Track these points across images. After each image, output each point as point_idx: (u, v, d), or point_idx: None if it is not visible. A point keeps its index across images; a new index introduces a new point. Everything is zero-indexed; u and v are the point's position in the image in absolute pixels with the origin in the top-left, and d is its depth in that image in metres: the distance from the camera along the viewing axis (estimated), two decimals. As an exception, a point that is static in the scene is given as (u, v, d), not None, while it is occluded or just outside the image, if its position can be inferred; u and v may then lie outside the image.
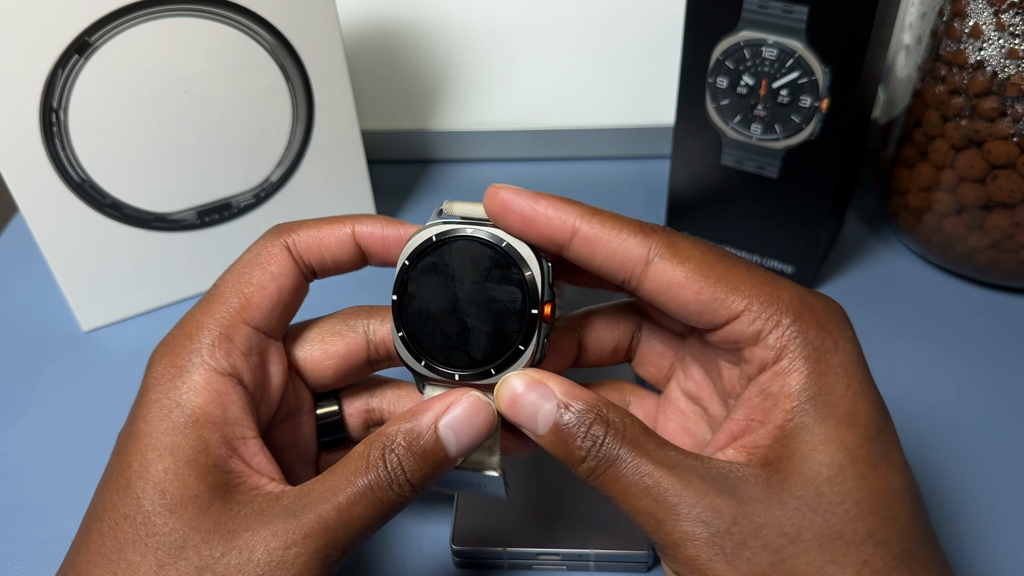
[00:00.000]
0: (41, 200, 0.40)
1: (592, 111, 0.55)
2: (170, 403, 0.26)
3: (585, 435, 0.25)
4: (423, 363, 0.28)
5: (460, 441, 0.26)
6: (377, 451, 0.26)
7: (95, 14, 0.37)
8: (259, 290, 0.28)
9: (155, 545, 0.25)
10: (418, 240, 0.27)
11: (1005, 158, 0.39)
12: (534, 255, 0.27)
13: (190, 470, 0.25)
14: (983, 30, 0.38)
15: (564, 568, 0.34)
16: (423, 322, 0.27)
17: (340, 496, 0.25)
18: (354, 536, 0.25)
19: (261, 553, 0.25)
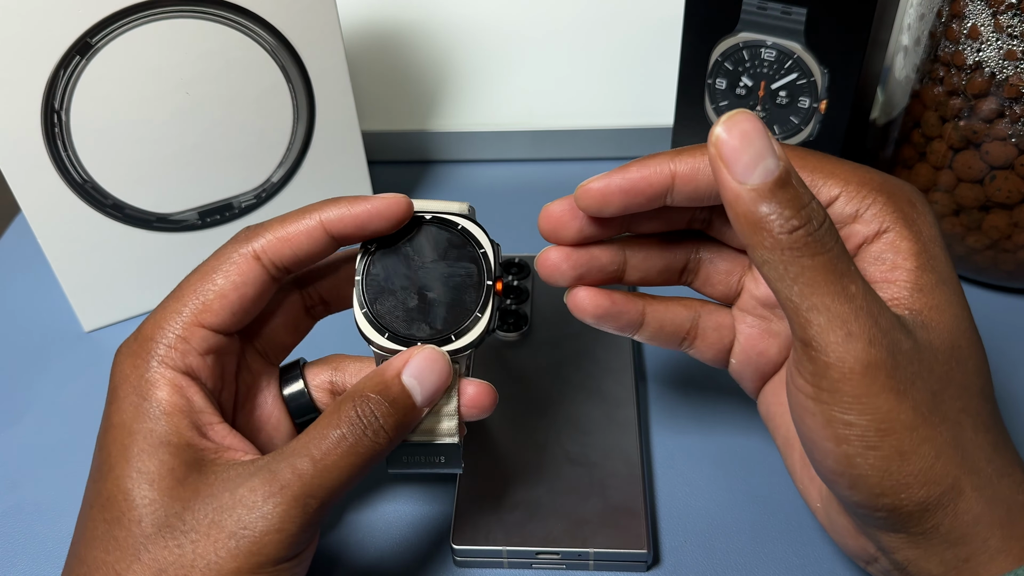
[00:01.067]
0: (43, 201, 0.40)
1: (591, 112, 0.55)
2: (138, 397, 0.28)
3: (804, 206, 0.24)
4: (386, 335, 0.30)
5: (424, 389, 0.28)
6: (348, 404, 0.27)
7: (97, 15, 0.37)
8: (219, 297, 0.29)
9: (137, 517, 0.26)
10: None
11: (1003, 159, 0.39)
12: (486, 236, 0.31)
13: (164, 449, 0.27)
14: (981, 31, 0.38)
15: (564, 567, 0.34)
16: (385, 298, 0.30)
17: (314, 448, 0.27)
18: (332, 484, 0.27)
19: (240, 509, 0.26)
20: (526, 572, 0.34)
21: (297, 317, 0.33)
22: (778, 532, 0.35)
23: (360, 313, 0.30)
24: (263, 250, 0.29)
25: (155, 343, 0.29)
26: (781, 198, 0.24)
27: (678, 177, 0.28)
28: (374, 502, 0.37)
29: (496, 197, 0.53)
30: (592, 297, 0.30)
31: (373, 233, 0.30)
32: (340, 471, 0.27)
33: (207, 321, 0.29)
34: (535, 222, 0.52)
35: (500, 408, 0.39)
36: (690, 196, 0.28)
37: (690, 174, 0.28)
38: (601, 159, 0.55)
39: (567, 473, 0.36)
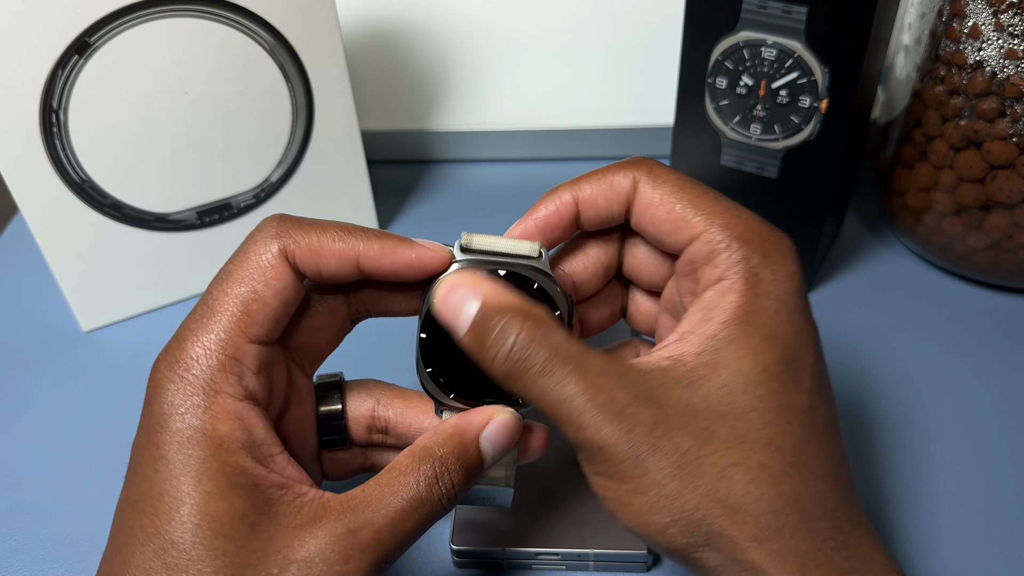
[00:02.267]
0: (41, 200, 0.40)
1: (591, 111, 0.55)
2: (195, 432, 0.26)
3: (498, 334, 0.25)
4: (451, 396, 0.29)
5: (496, 451, 0.28)
6: (428, 465, 0.27)
7: (95, 15, 0.37)
8: (263, 307, 0.27)
9: (211, 570, 0.25)
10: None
11: (1004, 158, 0.39)
12: (562, 294, 0.29)
13: (233, 492, 0.25)
14: (982, 30, 0.38)
15: (563, 568, 0.34)
16: (450, 358, 0.28)
17: (393, 509, 0.26)
18: (403, 547, 0.27)
19: (319, 567, 0.25)
20: (526, 573, 0.34)
21: (340, 325, 0.31)
22: (779, 533, 0.35)
23: (424, 372, 0.29)
24: (293, 255, 0.28)
25: (203, 366, 0.26)
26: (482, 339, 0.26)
27: (581, 204, 0.29)
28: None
29: (496, 197, 0.53)
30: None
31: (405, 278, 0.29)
32: (414, 534, 0.27)
33: (254, 334, 0.27)
34: (535, 222, 0.52)
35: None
36: (597, 219, 0.30)
37: (590, 200, 0.29)
38: (601, 159, 0.55)
39: (567, 474, 0.36)
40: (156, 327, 0.46)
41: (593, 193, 0.29)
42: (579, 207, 0.30)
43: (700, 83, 0.41)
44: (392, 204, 0.53)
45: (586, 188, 0.29)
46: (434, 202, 0.53)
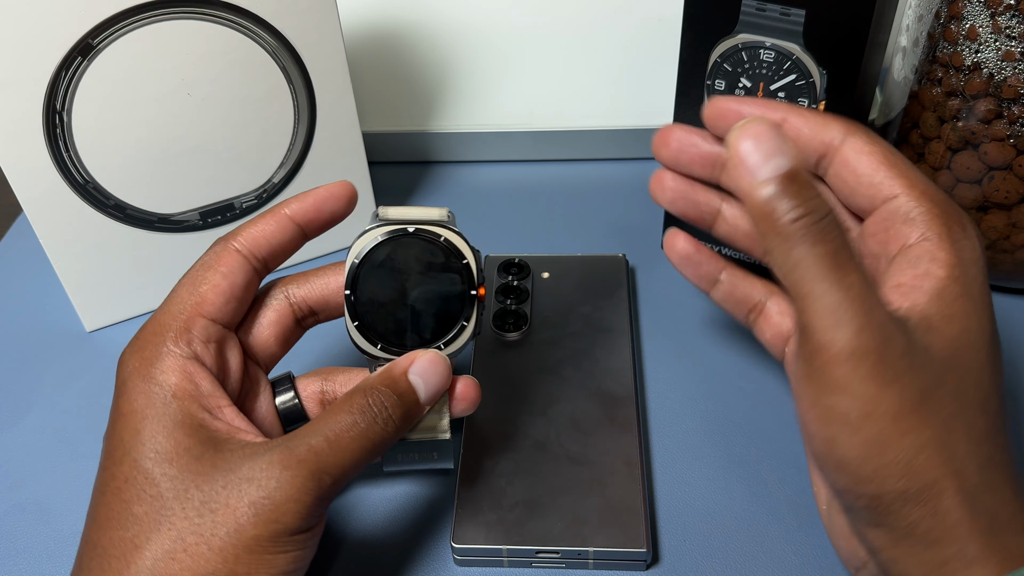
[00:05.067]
0: (45, 201, 0.41)
1: (591, 113, 0.55)
2: (148, 386, 0.29)
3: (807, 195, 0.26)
4: (379, 347, 0.32)
5: (427, 387, 0.31)
6: (359, 394, 0.30)
7: (98, 17, 0.37)
8: (212, 288, 0.31)
9: (157, 494, 0.27)
10: (366, 241, 0.32)
11: (1001, 159, 0.39)
12: (467, 246, 0.32)
13: (179, 430, 0.28)
14: (979, 32, 0.38)
15: (563, 566, 0.34)
16: (375, 311, 0.32)
17: (328, 431, 0.28)
18: (344, 463, 0.28)
19: (260, 479, 0.27)
20: (526, 571, 0.34)
21: (288, 327, 0.34)
22: (778, 532, 0.35)
23: (352, 326, 0.32)
24: (241, 244, 0.32)
25: (160, 336, 0.30)
26: (788, 191, 0.26)
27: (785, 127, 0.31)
28: (374, 501, 0.37)
29: (496, 197, 0.53)
30: (684, 241, 0.34)
31: (331, 215, 0.33)
32: (352, 453, 0.28)
33: (205, 311, 0.31)
34: (535, 222, 0.52)
35: (501, 408, 0.39)
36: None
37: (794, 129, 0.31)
38: (601, 159, 0.56)
39: (567, 472, 0.36)
40: (159, 327, 0.46)
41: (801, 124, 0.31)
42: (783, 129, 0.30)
43: (699, 85, 0.41)
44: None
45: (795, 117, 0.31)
46: (435, 203, 0.53)
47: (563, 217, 0.52)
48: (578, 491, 0.35)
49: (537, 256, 0.46)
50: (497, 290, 0.44)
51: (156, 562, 0.27)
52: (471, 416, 0.38)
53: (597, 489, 0.35)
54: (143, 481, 0.28)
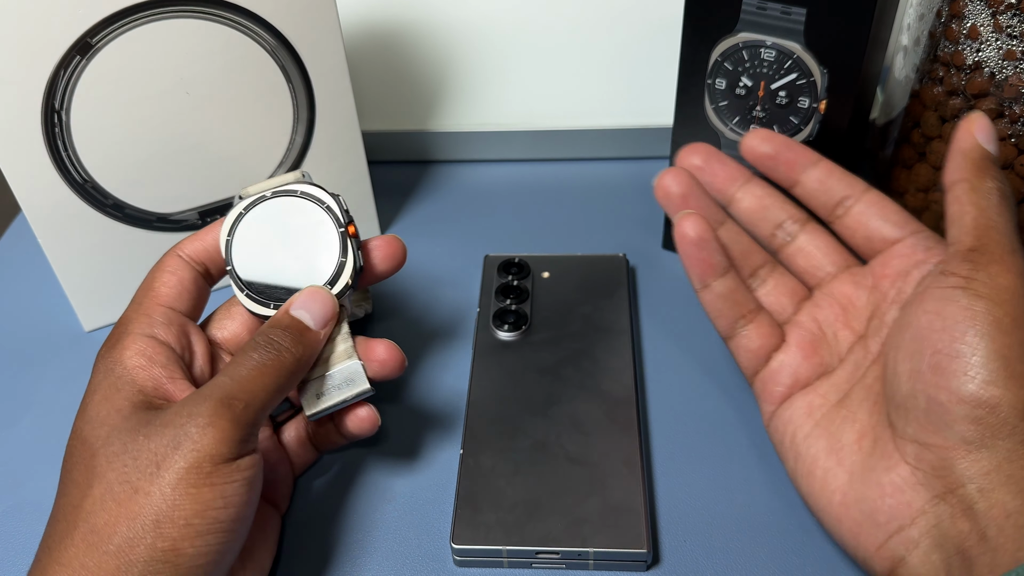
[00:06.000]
0: (43, 201, 0.41)
1: (591, 112, 0.55)
2: (104, 364, 0.32)
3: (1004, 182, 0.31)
4: (271, 305, 0.34)
5: (313, 315, 0.33)
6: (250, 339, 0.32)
7: (97, 16, 0.37)
8: (163, 283, 0.34)
9: (90, 455, 0.29)
10: (231, 218, 0.34)
11: (1002, 159, 0.39)
12: (325, 192, 0.35)
13: (117, 395, 0.30)
14: (981, 31, 0.38)
15: (563, 566, 0.34)
16: (259, 276, 0.34)
17: (231, 369, 0.31)
18: (252, 389, 0.30)
19: (176, 419, 0.29)
20: (526, 571, 0.34)
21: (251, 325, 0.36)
22: (778, 532, 0.35)
23: (243, 296, 0.34)
24: (183, 251, 0.35)
25: (123, 326, 0.33)
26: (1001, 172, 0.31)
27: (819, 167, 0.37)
28: (374, 501, 0.37)
29: (496, 197, 0.53)
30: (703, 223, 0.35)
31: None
32: (256, 381, 0.30)
33: (162, 301, 0.33)
34: (535, 222, 0.52)
35: (501, 408, 0.39)
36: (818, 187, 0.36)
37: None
38: (601, 159, 0.56)
39: (567, 473, 0.36)
40: (158, 327, 0.46)
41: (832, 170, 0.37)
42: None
43: (699, 84, 0.41)
44: (393, 204, 0.53)
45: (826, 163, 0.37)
46: (435, 202, 0.53)
47: (563, 217, 0.51)
48: (578, 491, 0.35)
49: (537, 256, 0.46)
50: (497, 290, 0.44)
51: (89, 515, 0.28)
52: (471, 416, 0.38)
53: (597, 489, 0.35)
54: (80, 448, 0.29)
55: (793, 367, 0.35)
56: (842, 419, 0.33)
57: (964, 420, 0.27)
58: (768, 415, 0.35)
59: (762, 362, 0.35)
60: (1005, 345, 0.27)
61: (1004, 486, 0.26)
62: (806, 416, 0.34)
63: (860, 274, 0.35)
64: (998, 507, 0.26)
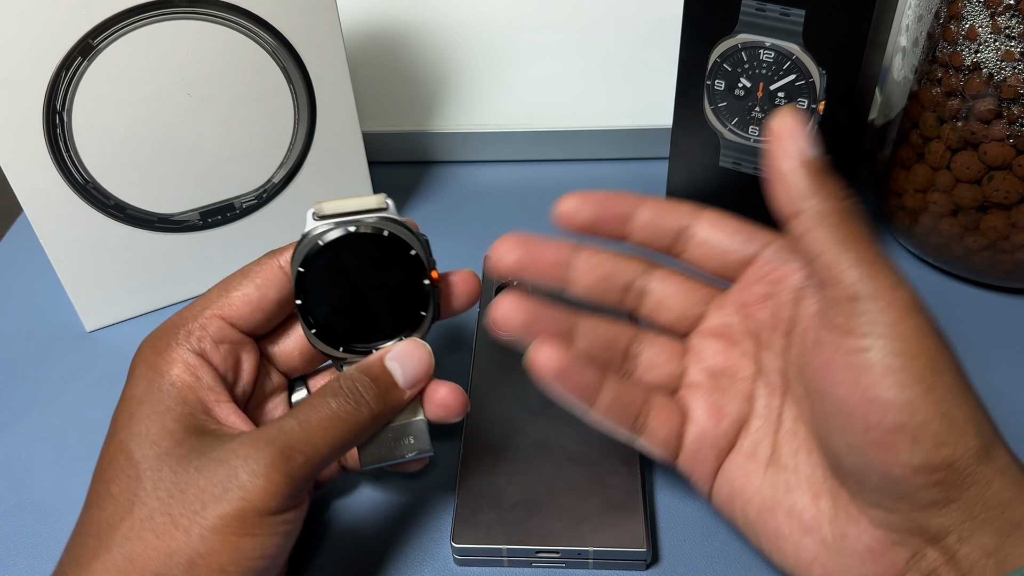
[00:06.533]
0: (45, 201, 0.41)
1: (591, 113, 0.55)
2: (152, 373, 0.30)
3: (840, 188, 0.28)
4: (340, 349, 0.32)
5: (405, 371, 0.31)
6: (333, 381, 0.30)
7: (98, 17, 0.37)
8: (242, 296, 0.32)
9: (135, 474, 0.28)
10: (307, 246, 0.31)
11: (1001, 159, 0.40)
12: (413, 236, 0.31)
13: (168, 415, 0.29)
14: (979, 32, 0.38)
15: (563, 566, 0.34)
16: (330, 315, 0.31)
17: (300, 413, 0.29)
18: (317, 442, 0.28)
19: (229, 461, 0.27)
20: (526, 571, 0.34)
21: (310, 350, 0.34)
22: (777, 531, 0.35)
23: (311, 334, 0.32)
24: (283, 254, 0.32)
25: (175, 329, 0.31)
26: (829, 175, 0.27)
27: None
28: (374, 501, 0.37)
29: (496, 198, 0.53)
30: (556, 351, 0.30)
31: None
32: (324, 433, 0.29)
33: (227, 314, 0.31)
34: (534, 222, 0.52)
35: (501, 408, 0.39)
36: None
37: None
38: (601, 159, 0.56)
39: (567, 472, 0.36)
40: (159, 327, 0.46)
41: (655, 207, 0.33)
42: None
43: (699, 85, 0.41)
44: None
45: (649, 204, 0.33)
46: (435, 203, 0.53)
47: (563, 217, 0.51)
48: (578, 491, 0.35)
49: None
50: (497, 290, 0.44)
51: (125, 540, 0.27)
52: (471, 416, 0.38)
53: (597, 489, 0.35)
54: (124, 461, 0.28)
55: (710, 438, 0.32)
56: (785, 481, 0.30)
57: (925, 487, 0.26)
58: (706, 492, 0.33)
59: (676, 446, 0.32)
60: (937, 400, 0.25)
61: (980, 529, 0.26)
62: (745, 485, 0.31)
63: (726, 306, 0.33)
64: (978, 550, 0.26)
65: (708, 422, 0.32)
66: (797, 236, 0.28)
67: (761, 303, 0.32)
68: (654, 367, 0.33)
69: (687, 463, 0.32)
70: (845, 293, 0.26)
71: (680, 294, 0.33)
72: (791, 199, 0.27)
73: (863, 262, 0.26)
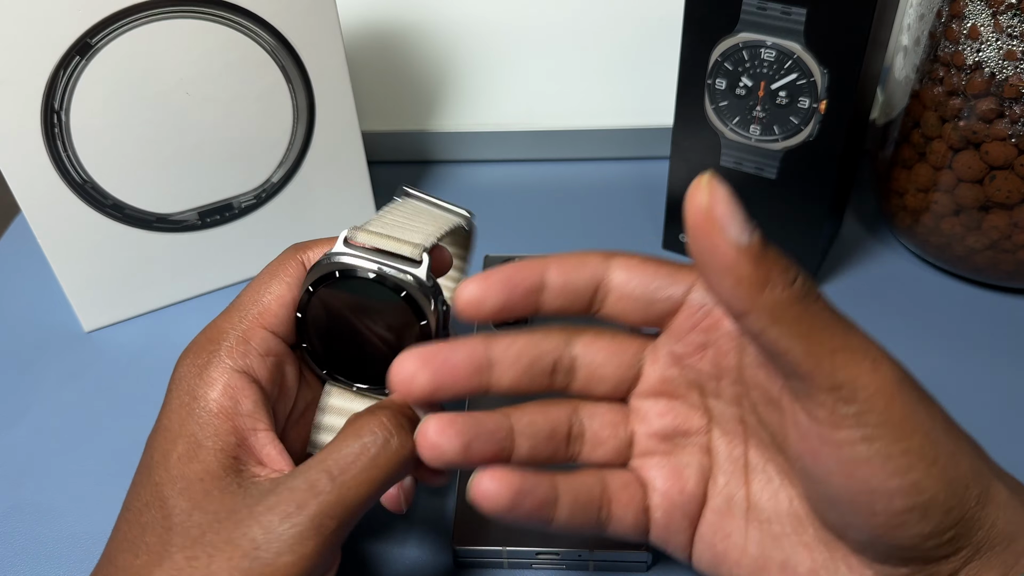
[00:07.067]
0: (43, 201, 0.40)
1: (591, 112, 0.55)
2: (188, 396, 0.28)
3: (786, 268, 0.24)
4: (324, 372, 0.31)
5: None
6: (369, 417, 0.27)
7: (96, 16, 0.37)
8: (276, 298, 0.30)
9: (169, 526, 0.26)
10: (321, 270, 0.29)
11: (1003, 159, 0.39)
12: (431, 304, 0.29)
13: (200, 452, 0.27)
14: (981, 32, 0.38)
15: (563, 568, 0.34)
16: (323, 338, 0.31)
17: (332, 463, 0.26)
18: (350, 501, 0.26)
19: (256, 528, 0.26)
20: (526, 572, 0.34)
21: None
22: (778, 532, 0.35)
23: (302, 347, 0.31)
24: (305, 250, 0.31)
25: (215, 343, 0.29)
26: (771, 256, 0.24)
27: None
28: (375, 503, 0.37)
29: (496, 197, 0.53)
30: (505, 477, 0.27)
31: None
32: (359, 486, 0.26)
33: (267, 323, 0.30)
34: (534, 222, 0.52)
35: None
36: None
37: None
38: (601, 159, 0.55)
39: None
40: (158, 327, 0.46)
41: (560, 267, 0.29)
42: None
43: (699, 84, 0.41)
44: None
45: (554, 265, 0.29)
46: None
47: (563, 217, 0.51)
48: (578, 492, 0.35)
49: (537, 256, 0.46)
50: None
51: None
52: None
53: (597, 490, 0.35)
54: (159, 509, 0.27)
55: (677, 505, 0.29)
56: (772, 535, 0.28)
57: (934, 549, 0.25)
58: (686, 559, 0.31)
59: (646, 523, 0.30)
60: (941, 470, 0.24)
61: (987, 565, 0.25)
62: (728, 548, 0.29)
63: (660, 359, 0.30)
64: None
65: (672, 489, 0.29)
66: (752, 335, 0.24)
67: (698, 353, 0.29)
68: (601, 443, 0.30)
69: (660, 537, 0.30)
70: (822, 388, 0.24)
71: (610, 359, 0.30)
72: (736, 297, 0.24)
73: (835, 350, 0.24)
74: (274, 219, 0.46)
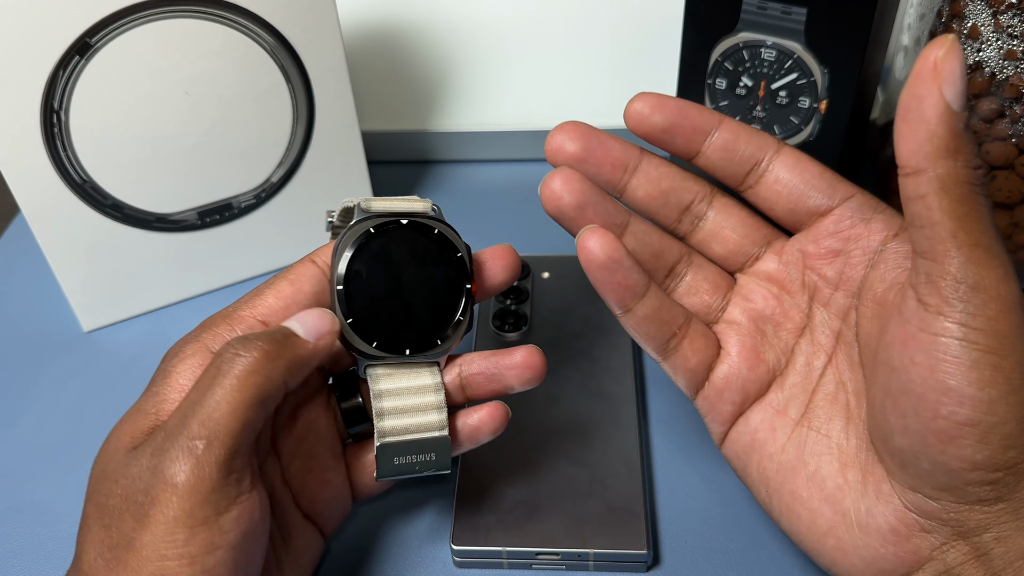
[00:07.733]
0: (42, 201, 0.40)
1: (591, 112, 0.55)
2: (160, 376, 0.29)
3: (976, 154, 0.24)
4: (374, 344, 0.30)
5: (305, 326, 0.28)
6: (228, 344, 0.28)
7: (96, 15, 0.37)
8: (275, 292, 0.30)
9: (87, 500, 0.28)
10: (357, 232, 0.30)
11: (1004, 159, 0.39)
12: (460, 240, 0.31)
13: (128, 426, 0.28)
14: (981, 31, 0.38)
15: (563, 567, 0.34)
16: (369, 306, 0.30)
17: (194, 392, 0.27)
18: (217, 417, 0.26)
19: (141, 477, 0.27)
20: (526, 572, 0.34)
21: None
22: (778, 533, 0.35)
23: (345, 324, 0.30)
24: (318, 254, 0.31)
25: (202, 328, 0.30)
26: (968, 136, 0.24)
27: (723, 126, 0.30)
28: (374, 503, 0.37)
29: (496, 197, 0.53)
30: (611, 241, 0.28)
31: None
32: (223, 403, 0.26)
33: (258, 312, 0.30)
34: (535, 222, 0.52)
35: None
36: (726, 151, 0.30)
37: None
38: (601, 159, 0.55)
39: (567, 473, 0.36)
40: (157, 327, 0.46)
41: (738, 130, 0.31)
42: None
43: (700, 84, 0.41)
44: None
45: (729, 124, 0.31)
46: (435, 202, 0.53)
47: (563, 217, 0.51)
48: (578, 492, 0.35)
49: (537, 256, 0.46)
50: None
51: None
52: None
53: (597, 490, 0.35)
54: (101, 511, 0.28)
55: (740, 380, 0.30)
56: (813, 442, 0.29)
57: (979, 483, 0.25)
58: (719, 436, 0.31)
59: (702, 379, 0.31)
60: (1019, 403, 0.24)
61: (1022, 532, 0.25)
62: (768, 440, 0.30)
63: (787, 252, 0.31)
64: (1014, 550, 0.25)
65: (742, 364, 0.30)
66: (912, 196, 0.24)
67: (829, 258, 0.30)
68: (696, 292, 0.31)
69: (707, 401, 0.31)
70: (949, 273, 0.24)
71: (739, 228, 0.31)
72: (919, 152, 0.24)
73: (977, 245, 0.24)
74: (274, 219, 0.46)
